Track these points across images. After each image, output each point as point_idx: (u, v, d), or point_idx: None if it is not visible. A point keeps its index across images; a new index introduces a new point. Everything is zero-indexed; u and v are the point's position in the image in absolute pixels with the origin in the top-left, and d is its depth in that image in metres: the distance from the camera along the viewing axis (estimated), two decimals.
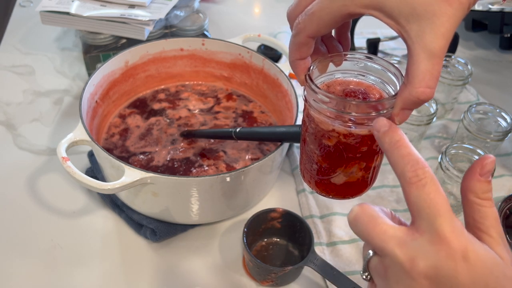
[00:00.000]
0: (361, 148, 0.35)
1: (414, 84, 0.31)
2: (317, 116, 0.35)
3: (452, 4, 0.30)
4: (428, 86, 0.31)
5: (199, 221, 0.63)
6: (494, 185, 0.69)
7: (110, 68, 0.69)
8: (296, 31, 0.35)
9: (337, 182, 0.38)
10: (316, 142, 0.37)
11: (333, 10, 0.33)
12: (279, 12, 1.09)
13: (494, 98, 0.86)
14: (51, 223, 0.62)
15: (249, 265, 0.57)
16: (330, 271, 0.54)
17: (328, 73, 0.38)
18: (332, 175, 0.38)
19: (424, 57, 0.31)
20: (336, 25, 0.34)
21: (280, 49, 0.77)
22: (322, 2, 0.33)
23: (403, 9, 0.30)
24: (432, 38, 0.30)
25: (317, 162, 0.38)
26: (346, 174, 0.37)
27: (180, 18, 0.84)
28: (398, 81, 0.35)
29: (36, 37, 0.94)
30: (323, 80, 0.38)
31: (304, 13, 0.34)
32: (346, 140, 0.35)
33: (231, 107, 0.76)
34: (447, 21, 0.30)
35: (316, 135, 0.37)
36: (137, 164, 0.65)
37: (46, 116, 0.78)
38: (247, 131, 0.62)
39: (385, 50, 0.96)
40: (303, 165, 0.41)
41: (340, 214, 0.65)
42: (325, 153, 0.36)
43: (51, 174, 0.68)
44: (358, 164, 0.37)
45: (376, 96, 0.36)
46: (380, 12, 0.32)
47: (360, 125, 0.34)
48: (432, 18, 0.30)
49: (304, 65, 0.37)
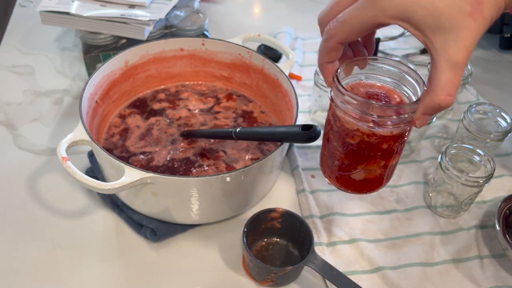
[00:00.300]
0: (382, 147, 0.38)
1: (437, 92, 0.34)
2: (343, 116, 0.38)
3: (476, 19, 0.32)
4: (449, 94, 0.34)
5: (199, 221, 0.63)
6: (494, 185, 0.69)
7: (110, 68, 0.69)
8: (327, 37, 0.38)
9: (356, 178, 0.41)
10: (340, 140, 0.39)
11: (364, 19, 0.35)
12: (279, 12, 1.09)
13: (494, 98, 0.86)
14: (51, 223, 0.62)
15: (249, 265, 0.57)
16: (330, 271, 0.54)
17: (352, 75, 0.40)
18: (353, 171, 0.40)
19: (447, 67, 0.33)
20: (365, 33, 0.37)
21: (280, 49, 0.77)
22: (354, 11, 0.35)
23: (430, 22, 0.33)
24: (455, 50, 0.33)
25: (339, 159, 0.40)
26: (366, 171, 0.40)
27: (180, 18, 0.84)
28: (419, 87, 0.37)
29: (36, 37, 0.94)
30: (348, 82, 0.41)
31: (336, 20, 0.37)
32: (369, 140, 0.37)
33: (231, 107, 0.76)
34: (470, 34, 0.32)
35: (341, 133, 0.39)
36: (137, 164, 0.65)
37: (46, 116, 0.78)
38: (247, 131, 0.62)
39: (385, 50, 0.96)
40: (324, 161, 0.43)
41: (340, 214, 0.65)
42: (348, 151, 0.39)
43: (51, 174, 0.68)
44: (378, 162, 0.39)
45: (397, 99, 0.38)
46: (408, 24, 0.34)
47: (383, 126, 0.36)
48: (457, 32, 0.32)
49: (332, 68, 0.39)
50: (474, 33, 0.33)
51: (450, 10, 0.32)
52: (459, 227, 0.65)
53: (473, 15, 0.32)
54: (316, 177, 0.70)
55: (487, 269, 0.60)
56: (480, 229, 0.65)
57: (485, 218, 0.66)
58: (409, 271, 0.60)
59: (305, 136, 0.56)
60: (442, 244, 0.63)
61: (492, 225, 0.65)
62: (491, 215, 0.66)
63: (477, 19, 0.33)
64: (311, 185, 0.69)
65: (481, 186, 0.61)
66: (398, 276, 0.59)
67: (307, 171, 0.71)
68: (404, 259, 0.61)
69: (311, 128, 0.55)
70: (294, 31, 0.99)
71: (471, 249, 0.62)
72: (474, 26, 0.33)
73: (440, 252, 0.62)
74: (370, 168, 0.40)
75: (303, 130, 0.56)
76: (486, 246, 0.63)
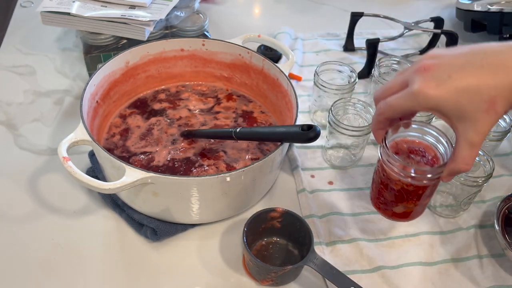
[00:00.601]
0: (418, 192, 0.49)
1: (458, 162, 0.45)
2: (388, 169, 0.48)
3: (490, 114, 0.42)
4: (467, 164, 0.44)
5: (199, 221, 0.63)
6: (493, 185, 0.70)
7: (110, 68, 0.70)
8: (378, 112, 0.48)
9: (397, 211, 0.52)
10: (386, 185, 0.50)
11: (405, 108, 0.45)
12: (279, 12, 1.09)
13: None
14: (52, 223, 0.63)
15: (249, 265, 0.57)
16: (330, 270, 0.54)
17: (399, 133, 0.51)
18: (394, 206, 0.52)
19: (466, 146, 0.44)
20: (406, 115, 0.49)
21: (280, 50, 0.77)
22: (399, 99, 0.45)
23: (455, 113, 0.43)
24: (473, 135, 0.43)
25: (385, 197, 0.52)
26: (404, 207, 0.51)
27: (180, 18, 0.84)
28: (448, 147, 0.48)
29: (36, 37, 0.94)
30: (394, 138, 0.51)
31: (385, 102, 0.47)
32: (407, 188, 0.48)
33: (231, 107, 0.76)
34: (485, 125, 0.42)
35: (386, 180, 0.50)
36: (138, 164, 0.66)
37: (47, 116, 0.78)
38: (247, 131, 0.62)
39: (384, 51, 0.97)
40: (374, 195, 0.55)
41: (340, 213, 0.66)
42: (391, 193, 0.50)
43: (52, 174, 0.69)
44: (414, 202, 0.51)
45: (432, 155, 0.50)
46: (439, 113, 0.44)
47: (418, 180, 0.47)
48: (475, 122, 0.42)
49: (382, 133, 0.50)
50: (488, 124, 0.42)
51: (470, 107, 0.42)
52: (458, 226, 0.65)
53: (488, 111, 0.42)
54: (315, 177, 0.71)
55: (486, 269, 0.60)
56: (479, 229, 0.65)
57: (484, 218, 0.66)
58: (408, 271, 0.60)
59: (305, 136, 0.56)
60: (441, 243, 0.63)
61: (491, 225, 0.65)
62: (490, 215, 0.67)
63: (491, 114, 0.42)
64: (311, 185, 0.69)
65: (480, 186, 0.61)
66: (398, 276, 0.59)
67: (307, 171, 0.71)
68: (403, 259, 0.61)
69: (311, 128, 0.56)
70: (294, 31, 1.00)
71: (470, 249, 0.63)
72: (488, 119, 0.42)
73: (440, 252, 0.62)
74: (408, 206, 0.51)
75: (303, 130, 0.56)
76: (485, 246, 0.63)
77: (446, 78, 0.42)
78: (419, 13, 1.09)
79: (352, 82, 0.75)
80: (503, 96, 0.41)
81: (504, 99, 0.41)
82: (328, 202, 0.67)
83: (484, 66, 0.42)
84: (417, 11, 1.12)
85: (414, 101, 0.44)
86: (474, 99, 0.42)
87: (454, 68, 0.43)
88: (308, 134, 0.56)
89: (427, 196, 0.50)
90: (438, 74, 0.43)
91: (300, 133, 0.56)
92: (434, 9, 1.13)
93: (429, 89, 0.43)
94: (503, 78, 0.41)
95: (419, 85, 0.43)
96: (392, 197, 0.50)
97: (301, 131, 0.56)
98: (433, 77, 0.43)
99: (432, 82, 0.43)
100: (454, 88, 0.42)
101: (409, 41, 1.01)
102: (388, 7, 1.12)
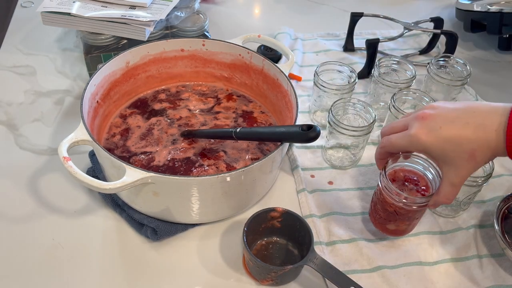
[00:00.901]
0: (408, 215, 0.57)
1: (441, 196, 0.53)
2: (384, 193, 0.57)
3: (470, 162, 0.50)
4: (448, 198, 0.53)
5: (199, 221, 0.63)
6: (492, 184, 0.70)
7: (111, 68, 0.70)
8: (381, 146, 0.56)
9: (390, 228, 0.60)
10: (382, 205, 0.58)
11: (402, 146, 0.54)
12: (278, 13, 1.09)
13: (493, 98, 0.86)
14: (52, 223, 0.63)
15: (249, 264, 0.57)
16: (330, 270, 0.54)
17: (398, 163, 0.59)
18: (388, 224, 0.59)
19: (448, 185, 0.52)
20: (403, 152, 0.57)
21: (279, 50, 0.77)
22: (398, 139, 0.53)
23: (441, 157, 0.51)
24: (454, 177, 0.51)
25: (380, 215, 0.60)
26: (397, 225, 0.59)
27: (180, 19, 0.85)
28: (437, 177, 0.56)
29: (37, 37, 0.94)
30: (393, 166, 0.59)
31: (388, 139, 0.55)
32: (400, 210, 0.56)
33: (231, 107, 0.77)
34: (465, 170, 0.50)
35: (383, 201, 0.58)
36: (138, 164, 0.66)
37: (47, 116, 0.78)
38: (247, 131, 0.63)
39: (384, 51, 0.97)
40: (372, 212, 0.62)
41: (340, 213, 0.66)
42: (386, 212, 0.58)
43: (52, 174, 0.69)
44: (405, 222, 0.58)
45: (424, 184, 0.58)
46: (428, 155, 0.54)
47: (409, 206, 0.55)
48: (456, 167, 0.50)
49: (383, 162, 0.58)
50: (468, 170, 0.50)
51: (454, 154, 0.50)
52: (458, 226, 0.65)
53: (468, 160, 0.49)
54: (315, 177, 0.71)
55: (486, 269, 0.60)
56: (479, 229, 0.65)
57: (484, 217, 0.67)
58: (408, 270, 0.60)
59: (305, 136, 0.56)
60: (441, 243, 0.63)
61: (491, 225, 0.65)
62: (490, 214, 0.67)
63: (471, 163, 0.50)
64: (311, 184, 0.69)
65: (480, 186, 0.61)
66: (397, 275, 0.59)
67: (307, 171, 0.71)
68: (403, 258, 0.61)
69: (311, 128, 0.56)
70: (294, 31, 1.00)
71: (470, 249, 0.63)
72: (468, 166, 0.50)
73: (439, 252, 0.62)
74: (399, 224, 0.59)
75: (303, 130, 0.56)
76: (485, 246, 0.63)
77: (437, 128, 0.50)
78: (419, 13, 1.10)
79: (352, 82, 0.75)
80: (481, 150, 0.49)
81: (482, 152, 0.49)
82: (328, 202, 0.67)
83: (469, 123, 0.49)
84: (417, 11, 1.12)
85: (409, 142, 0.52)
86: (457, 148, 0.49)
87: (445, 121, 0.50)
88: (308, 134, 0.56)
89: (416, 218, 0.59)
90: (431, 124, 0.51)
91: (300, 133, 0.56)
92: (434, 9, 1.13)
93: (422, 135, 0.51)
94: (482, 135, 0.49)
95: (415, 130, 0.51)
96: (386, 216, 0.58)
97: (301, 131, 0.56)
98: (427, 125, 0.51)
99: (425, 129, 0.51)
100: (442, 138, 0.50)
101: (409, 41, 1.01)
102: (388, 7, 1.12)
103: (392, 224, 0.59)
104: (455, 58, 0.81)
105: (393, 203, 0.56)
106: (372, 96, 0.81)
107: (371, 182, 0.70)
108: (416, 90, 0.74)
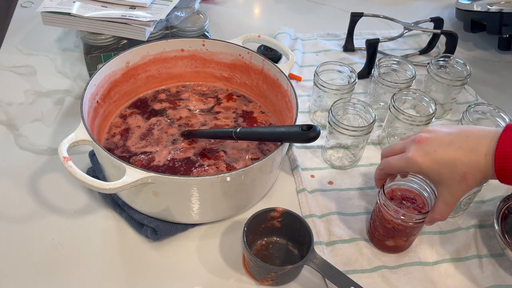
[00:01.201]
0: (406, 231, 0.58)
1: (435, 214, 0.55)
2: (383, 210, 0.58)
3: (462, 184, 0.52)
4: (442, 216, 0.55)
5: (199, 221, 0.63)
6: (493, 184, 0.70)
7: (111, 68, 0.70)
8: (380, 167, 0.59)
9: (388, 244, 0.61)
10: (381, 222, 0.60)
11: (400, 168, 0.56)
12: (278, 13, 1.09)
13: (493, 98, 0.86)
14: (52, 223, 0.63)
15: (249, 264, 0.58)
16: (330, 270, 0.54)
17: (395, 181, 0.60)
18: (386, 240, 0.61)
19: (443, 204, 0.54)
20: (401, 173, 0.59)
21: (279, 50, 0.77)
22: (397, 161, 0.56)
23: (436, 178, 0.54)
24: (448, 197, 0.54)
25: (379, 232, 0.61)
26: (395, 241, 0.60)
27: (180, 19, 0.85)
28: (432, 195, 0.58)
29: (37, 37, 0.94)
30: (391, 185, 0.61)
31: (386, 161, 0.58)
32: (398, 227, 0.58)
33: (231, 107, 0.77)
34: (457, 191, 0.53)
35: (381, 219, 0.59)
36: (138, 164, 0.66)
37: (47, 116, 0.78)
38: (247, 131, 0.63)
39: (384, 51, 0.97)
40: (371, 229, 0.63)
41: (340, 213, 0.66)
42: (385, 229, 0.59)
43: (52, 174, 0.69)
44: (403, 238, 0.60)
45: (420, 202, 0.59)
46: (425, 176, 0.56)
47: (406, 222, 0.57)
48: (450, 188, 0.53)
49: (382, 182, 0.59)
50: (461, 191, 0.53)
51: (447, 176, 0.53)
52: (458, 226, 0.65)
53: (460, 182, 0.52)
54: (315, 177, 0.71)
55: (486, 268, 0.61)
56: (479, 229, 0.65)
57: (484, 217, 0.67)
58: (408, 270, 0.60)
59: (305, 136, 0.56)
60: (441, 243, 0.63)
61: (491, 225, 0.65)
62: (489, 214, 0.67)
63: (463, 185, 0.52)
64: (311, 184, 0.69)
65: (480, 186, 0.61)
66: (397, 276, 0.59)
67: (307, 171, 0.71)
68: (403, 259, 0.61)
69: (311, 128, 0.56)
70: (294, 31, 1.00)
71: (470, 249, 0.63)
72: (461, 188, 0.53)
73: (439, 252, 0.62)
74: (398, 240, 0.60)
75: (303, 130, 0.56)
76: (485, 246, 0.63)
77: (432, 152, 0.53)
78: (418, 13, 1.10)
79: (352, 82, 0.75)
80: (472, 172, 0.52)
81: (473, 175, 0.52)
82: (328, 202, 0.67)
83: (463, 147, 0.52)
84: (416, 11, 1.12)
85: (406, 164, 0.55)
86: (450, 170, 0.52)
87: (440, 144, 0.53)
88: (308, 134, 0.56)
89: (413, 234, 0.60)
90: (427, 147, 0.54)
91: (300, 133, 0.56)
92: (434, 9, 1.13)
93: (418, 157, 0.54)
94: (473, 158, 0.51)
95: (412, 153, 0.54)
96: (385, 233, 0.60)
97: (301, 131, 0.56)
98: (423, 148, 0.54)
99: (421, 152, 0.54)
100: (436, 160, 0.53)
101: (409, 41, 1.01)
102: (388, 7, 1.12)
103: (391, 240, 0.60)
104: (455, 58, 0.81)
105: (391, 220, 0.57)
106: (372, 96, 0.81)
107: (371, 182, 0.70)
108: (416, 90, 0.74)
